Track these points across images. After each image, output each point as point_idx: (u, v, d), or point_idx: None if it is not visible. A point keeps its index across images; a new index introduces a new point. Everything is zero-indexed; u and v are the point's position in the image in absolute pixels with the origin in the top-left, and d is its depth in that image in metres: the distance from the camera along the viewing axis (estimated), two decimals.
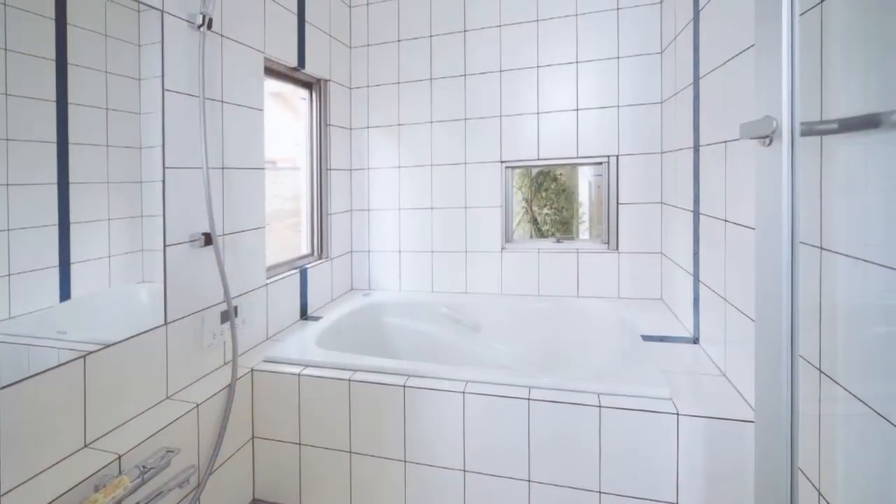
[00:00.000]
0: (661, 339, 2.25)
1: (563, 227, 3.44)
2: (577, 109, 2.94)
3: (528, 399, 1.77)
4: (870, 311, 1.01)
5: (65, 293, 1.47)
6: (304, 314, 2.78)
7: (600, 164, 2.98)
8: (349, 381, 1.96)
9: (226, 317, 2.08)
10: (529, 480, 1.77)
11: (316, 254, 3.07)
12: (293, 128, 3.02)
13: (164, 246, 1.80)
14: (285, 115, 3.01)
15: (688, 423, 1.61)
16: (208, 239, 1.93)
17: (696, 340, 2.20)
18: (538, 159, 3.03)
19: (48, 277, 1.43)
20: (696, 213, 2.17)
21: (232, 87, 2.16)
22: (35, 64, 1.39)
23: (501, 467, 1.80)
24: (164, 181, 1.79)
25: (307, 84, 3.00)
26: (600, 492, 1.69)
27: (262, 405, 2.07)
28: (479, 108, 3.11)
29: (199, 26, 1.90)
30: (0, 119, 1.30)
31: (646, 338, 2.25)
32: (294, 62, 2.68)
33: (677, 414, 1.62)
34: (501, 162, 3.09)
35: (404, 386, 1.90)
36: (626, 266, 2.90)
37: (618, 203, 2.91)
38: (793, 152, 0.91)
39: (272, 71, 2.60)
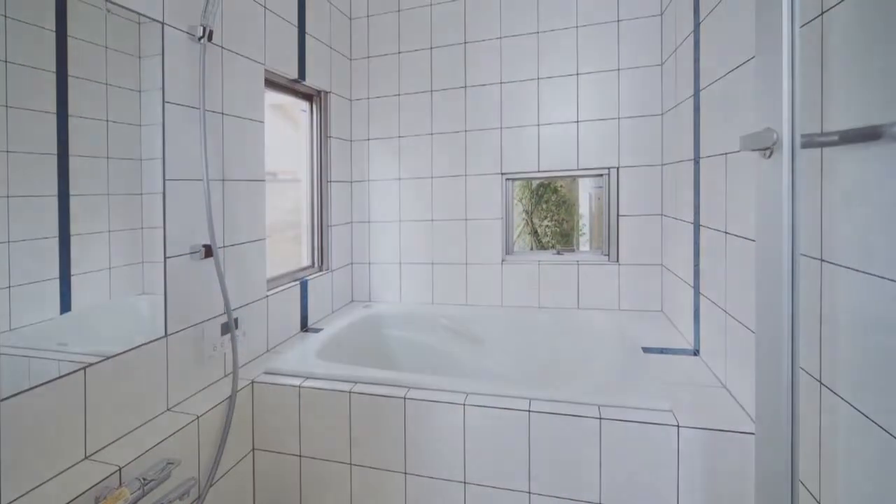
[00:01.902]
0: (662, 350, 2.24)
1: (564, 238, 3.44)
2: (578, 121, 2.95)
3: (529, 411, 1.76)
4: (870, 322, 1.01)
5: (65, 305, 1.47)
6: (304, 326, 2.78)
7: (601, 175, 2.99)
8: (350, 392, 1.96)
9: (226, 329, 2.07)
10: (530, 492, 1.76)
11: (316, 265, 3.07)
12: (294, 140, 3.03)
13: (165, 258, 1.80)
14: (286, 127, 3.02)
15: (688, 435, 1.60)
16: (209, 251, 1.93)
17: (696, 352, 2.19)
18: (538, 171, 3.04)
19: (49, 289, 1.43)
20: (697, 225, 2.17)
21: (232, 99, 2.17)
22: (35, 76, 1.40)
23: (502, 479, 1.79)
24: (164, 193, 1.79)
25: (307, 96, 3.01)
26: (601, 503, 1.69)
27: (263, 417, 2.06)
28: (480, 119, 3.12)
29: (200, 38, 1.91)
30: (0, 131, 1.30)
31: (646, 350, 2.25)
32: (294, 74, 2.70)
33: (678, 426, 1.61)
34: (502, 174, 3.10)
35: (405, 398, 1.90)
36: (627, 278, 2.90)
37: (618, 215, 2.92)
38: (793, 164, 0.91)
39: (272, 83, 2.62)
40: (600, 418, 1.69)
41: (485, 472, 1.81)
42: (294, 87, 2.83)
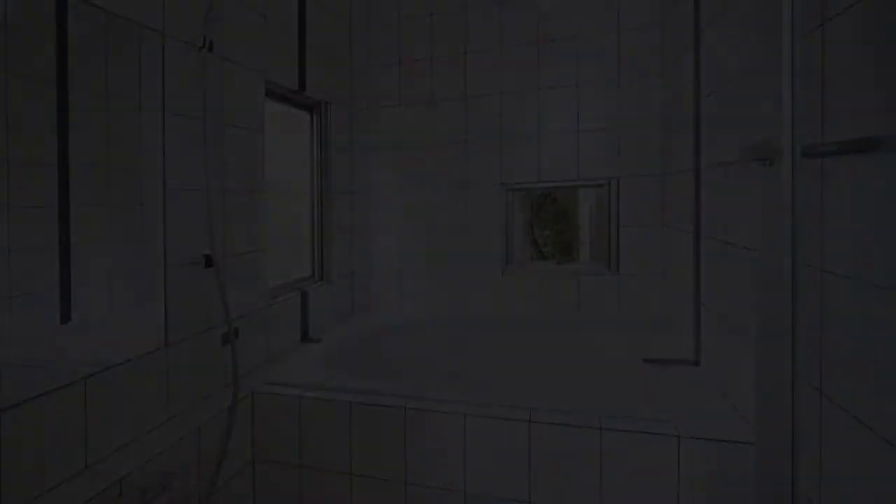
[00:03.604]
0: (662, 361, 2.23)
1: (564, 249, 3.44)
2: (579, 131, 2.95)
3: (529, 422, 1.75)
4: (871, 333, 1.01)
5: (65, 315, 1.47)
6: (304, 336, 2.77)
7: (601, 186, 2.99)
8: (350, 403, 1.95)
9: (226, 339, 2.07)
10: (530, 503, 1.75)
11: (317, 275, 3.07)
12: (294, 150, 3.03)
13: (165, 267, 1.80)
14: (286, 137, 3.02)
15: (689, 446, 1.60)
16: (209, 261, 1.92)
17: (697, 362, 2.18)
18: (539, 182, 3.04)
19: (48, 299, 1.43)
20: (697, 235, 2.17)
21: (233, 110, 2.17)
22: (36, 84, 1.40)
23: (502, 490, 1.78)
24: (164, 203, 1.79)
25: (308, 106, 3.01)
26: None
27: (263, 428, 2.05)
28: (480, 129, 3.13)
29: (201, 48, 1.92)
30: (1, 140, 1.30)
31: (646, 360, 2.24)
32: (295, 85, 2.70)
33: (678, 436, 1.61)
34: (502, 184, 3.10)
35: (405, 408, 1.89)
36: (627, 288, 2.89)
37: (618, 225, 2.91)
38: (794, 174, 0.91)
39: (273, 93, 2.62)
40: (601, 429, 1.68)
41: (485, 483, 1.80)
42: (295, 98, 2.84)
